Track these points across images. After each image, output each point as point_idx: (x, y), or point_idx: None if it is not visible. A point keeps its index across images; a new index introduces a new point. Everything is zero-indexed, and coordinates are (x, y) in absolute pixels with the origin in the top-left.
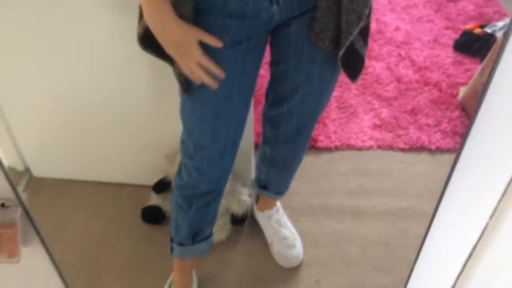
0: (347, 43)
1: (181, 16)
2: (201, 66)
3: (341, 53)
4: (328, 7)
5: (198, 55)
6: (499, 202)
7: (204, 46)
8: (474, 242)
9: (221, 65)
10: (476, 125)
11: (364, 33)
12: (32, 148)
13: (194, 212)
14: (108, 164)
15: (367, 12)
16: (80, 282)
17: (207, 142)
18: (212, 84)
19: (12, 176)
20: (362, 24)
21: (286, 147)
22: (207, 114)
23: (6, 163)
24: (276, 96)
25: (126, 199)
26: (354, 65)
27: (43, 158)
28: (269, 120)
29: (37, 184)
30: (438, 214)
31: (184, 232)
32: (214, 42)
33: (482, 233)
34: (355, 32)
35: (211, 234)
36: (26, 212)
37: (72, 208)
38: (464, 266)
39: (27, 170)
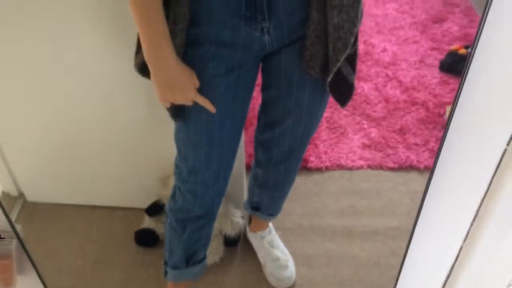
0: (335, 69)
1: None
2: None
3: (329, 79)
4: (316, 36)
5: (193, 95)
6: (472, 223)
7: (197, 74)
8: (451, 261)
9: (214, 92)
10: (446, 143)
11: (352, 60)
12: (26, 173)
13: (188, 235)
14: (101, 187)
15: (352, 40)
16: None
17: (201, 167)
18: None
19: (6, 201)
20: (348, 51)
21: (278, 170)
22: (201, 140)
23: (0, 188)
24: (267, 120)
25: (119, 222)
26: (342, 91)
27: (37, 183)
28: (261, 144)
29: (31, 208)
30: (415, 233)
31: (178, 255)
32: (208, 105)
33: (459, 253)
34: (342, 58)
35: (204, 257)
36: (21, 243)
37: (65, 233)
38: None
39: (21, 195)
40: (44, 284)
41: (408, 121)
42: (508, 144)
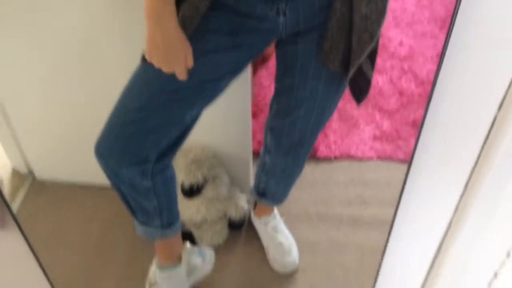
0: (358, 63)
1: (195, 11)
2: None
3: (350, 73)
4: (339, 27)
5: (180, 68)
6: (454, 212)
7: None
8: (433, 251)
9: (203, 46)
10: (423, 132)
11: (373, 55)
12: (36, 151)
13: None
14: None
15: (379, 31)
16: (78, 284)
17: (136, 105)
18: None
19: (15, 179)
20: (373, 44)
21: (286, 159)
22: (163, 86)
23: (9, 165)
24: (279, 108)
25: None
26: (360, 87)
27: (47, 161)
28: (271, 131)
29: (39, 186)
30: (395, 224)
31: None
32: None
33: (441, 242)
34: (367, 51)
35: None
36: (1, 195)
37: (72, 211)
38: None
39: (31, 172)
40: (27, 240)
41: (422, 114)
42: (498, 110)
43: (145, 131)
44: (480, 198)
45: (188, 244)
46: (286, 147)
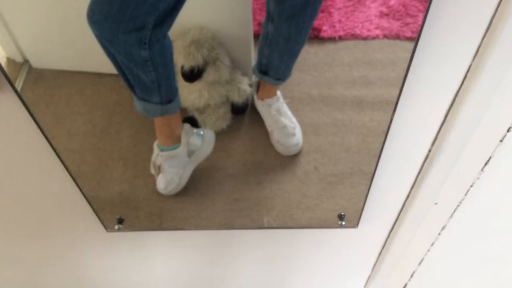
0: None
1: None
2: None
3: None
4: None
5: None
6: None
7: None
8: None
9: None
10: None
11: None
12: (30, 38)
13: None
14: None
15: None
16: (86, 168)
17: None
18: None
19: (10, 68)
20: None
21: (290, 24)
22: None
23: (4, 54)
24: None
25: (126, 90)
26: None
27: (42, 49)
28: None
29: (37, 75)
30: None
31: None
32: None
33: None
34: None
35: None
36: None
37: (73, 99)
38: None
39: (26, 61)
40: (23, 101)
41: None
42: None
43: None
44: (493, 59)
45: (186, 125)
46: (290, 11)
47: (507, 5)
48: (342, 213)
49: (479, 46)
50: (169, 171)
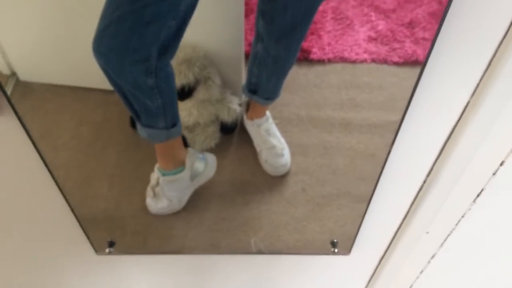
0: None
1: None
2: None
3: None
4: None
5: None
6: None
7: None
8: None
9: None
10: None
11: None
12: (18, 51)
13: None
14: (97, 69)
15: None
16: (71, 184)
17: None
18: None
19: None
20: None
21: (279, 45)
22: None
23: None
24: None
25: (114, 106)
26: None
27: (30, 61)
28: (262, 15)
29: (24, 88)
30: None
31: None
32: None
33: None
34: None
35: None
36: None
37: (60, 113)
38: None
39: (13, 74)
40: (23, 124)
41: (419, 14)
42: None
43: (143, 22)
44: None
45: (190, 149)
46: (279, 33)
47: (507, 46)
48: (335, 240)
49: (478, 84)
50: (169, 194)
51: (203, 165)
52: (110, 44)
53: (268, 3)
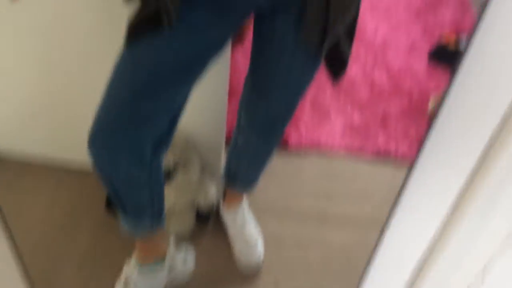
0: (334, 31)
1: None
2: None
3: (326, 44)
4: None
5: None
6: (451, 213)
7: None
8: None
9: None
10: (432, 135)
11: (351, 31)
12: None
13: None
14: (74, 150)
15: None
16: (36, 271)
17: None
18: None
19: None
20: (349, 17)
21: (259, 139)
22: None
23: None
24: (254, 86)
25: (89, 188)
26: (337, 66)
27: (5, 138)
28: (245, 110)
29: None
30: (390, 222)
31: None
32: None
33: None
34: (344, 19)
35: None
36: None
37: (33, 193)
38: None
39: None
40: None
41: (392, 109)
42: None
43: (138, 122)
44: (480, 200)
45: (172, 244)
46: (260, 127)
47: (488, 163)
48: None
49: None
50: None
51: (182, 261)
52: (106, 141)
53: (252, 98)
